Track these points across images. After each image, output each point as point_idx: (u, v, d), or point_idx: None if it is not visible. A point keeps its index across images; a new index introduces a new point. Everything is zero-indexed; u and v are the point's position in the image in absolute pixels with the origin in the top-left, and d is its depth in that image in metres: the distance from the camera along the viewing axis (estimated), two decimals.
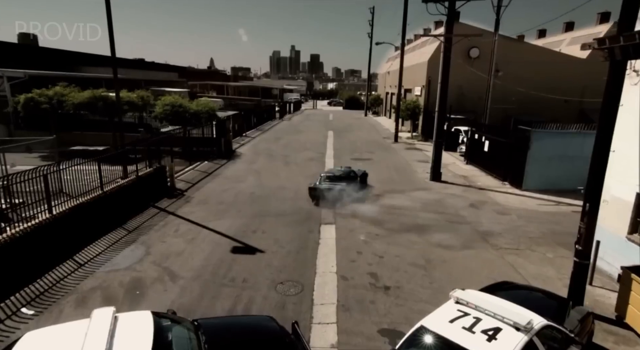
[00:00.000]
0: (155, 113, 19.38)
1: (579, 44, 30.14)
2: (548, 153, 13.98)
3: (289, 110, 53.31)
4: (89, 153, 20.09)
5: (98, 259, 8.16)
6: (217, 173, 16.55)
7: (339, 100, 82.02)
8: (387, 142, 27.61)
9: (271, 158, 20.31)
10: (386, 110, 48.18)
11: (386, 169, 18.22)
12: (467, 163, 19.64)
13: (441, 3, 13.92)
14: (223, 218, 10.97)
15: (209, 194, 13.45)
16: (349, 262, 8.42)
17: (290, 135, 29.75)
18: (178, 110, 18.99)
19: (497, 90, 26.99)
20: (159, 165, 13.39)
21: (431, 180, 15.92)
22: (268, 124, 37.61)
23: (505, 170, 15.64)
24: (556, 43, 32.46)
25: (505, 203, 12.88)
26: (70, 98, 18.70)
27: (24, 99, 18.48)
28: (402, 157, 21.83)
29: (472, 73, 27.92)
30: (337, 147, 24.59)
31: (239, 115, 27.83)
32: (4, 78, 20.68)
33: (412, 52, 38.64)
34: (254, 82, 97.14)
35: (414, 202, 12.91)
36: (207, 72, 78.33)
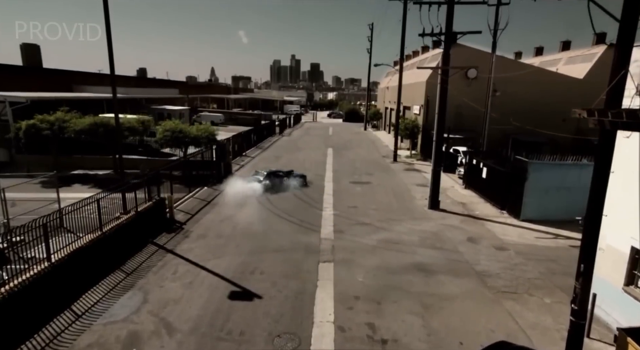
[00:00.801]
0: (155, 138, 19.51)
1: (576, 63, 30.47)
2: (545, 184, 14.05)
3: (289, 124, 53.55)
4: (89, 178, 20.30)
5: (96, 308, 8.16)
6: (216, 201, 16.61)
7: (339, 112, 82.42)
8: (386, 161, 27.72)
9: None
10: (385, 125, 48.42)
11: (385, 195, 18.27)
12: (465, 187, 19.70)
13: (437, 37, 14.13)
14: (222, 256, 11.00)
15: (208, 226, 13.49)
16: (347, 309, 8.42)
17: (290, 154, 29.84)
18: (178, 136, 19.15)
19: (495, 110, 27.18)
20: (158, 197, 13.45)
21: (430, 208, 15.96)
22: (268, 140, 37.79)
23: (504, 199, 15.70)
24: (553, 61, 32.78)
25: (503, 236, 12.90)
26: (72, 124, 18.86)
27: (25, 125, 18.65)
28: (401, 179, 21.89)
29: (471, 92, 28.18)
30: (336, 168, 24.69)
31: (239, 135, 27.99)
32: (5, 103, 20.89)
33: (410, 70, 38.98)
34: (254, 94, 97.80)
35: (412, 235, 12.93)
36: (207, 85, 78.89)
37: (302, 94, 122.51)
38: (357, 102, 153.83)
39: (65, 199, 15.80)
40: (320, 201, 17.15)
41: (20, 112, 21.27)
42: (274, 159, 27.08)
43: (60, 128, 18.96)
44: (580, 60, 29.34)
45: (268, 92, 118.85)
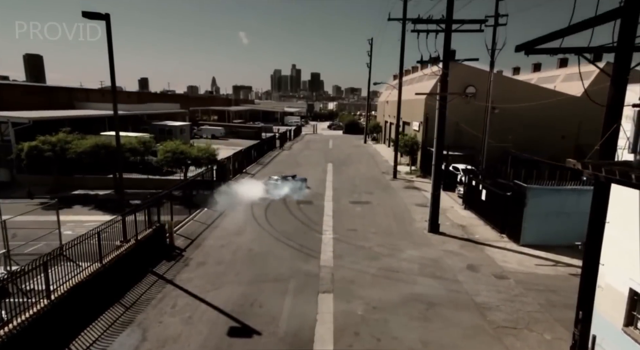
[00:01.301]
0: (157, 159, 19.64)
1: (574, 80, 30.73)
2: (545, 209, 14.09)
3: (289, 136, 53.80)
4: (89, 198, 20.36)
5: (94, 348, 8.14)
6: (216, 224, 16.62)
7: (339, 124, 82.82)
8: (386, 178, 27.79)
9: (269, 202, 20.37)
10: (385, 139, 48.64)
11: (385, 216, 18.29)
12: (465, 208, 19.73)
13: (435, 64, 14.33)
14: (221, 286, 10.99)
15: (207, 252, 13.50)
16: (347, 346, 8.39)
17: (290, 170, 29.86)
18: (179, 157, 19.27)
19: (495, 127, 27.38)
20: (159, 224, 13.48)
21: (429, 232, 15.97)
22: (268, 155, 37.92)
23: (503, 222, 15.73)
24: (551, 78, 33.10)
25: (503, 263, 12.89)
26: (74, 146, 19.01)
27: (27, 147, 18.79)
28: (400, 198, 21.93)
29: (469, 109, 28.40)
30: (336, 186, 24.76)
31: (239, 153, 28.12)
32: (8, 124, 21.08)
33: (410, 85, 39.34)
34: (255, 105, 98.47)
35: (412, 262, 12.93)
36: (208, 97, 79.51)
37: (302, 104, 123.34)
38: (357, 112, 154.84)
39: (66, 223, 15.91)
40: (320, 223, 17.18)
41: (22, 132, 21.46)
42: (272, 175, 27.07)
43: (62, 149, 19.10)
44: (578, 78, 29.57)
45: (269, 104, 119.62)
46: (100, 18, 10.99)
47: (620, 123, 5.76)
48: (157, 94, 46.83)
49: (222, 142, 48.27)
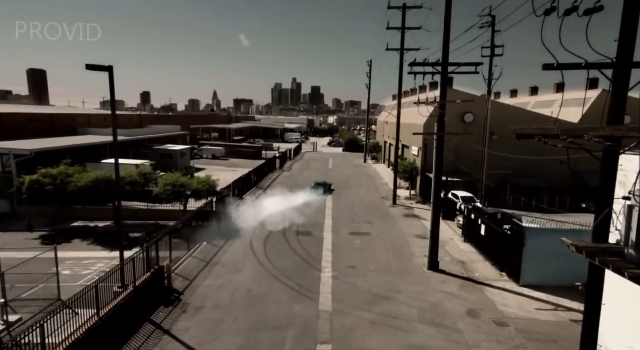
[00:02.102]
0: (156, 191, 19.73)
1: (570, 106, 31.05)
2: (543, 250, 14.05)
3: (289, 156, 54.02)
4: (89, 230, 20.35)
5: None
6: (215, 260, 16.57)
7: (339, 140, 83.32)
8: (385, 204, 27.81)
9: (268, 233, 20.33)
10: (385, 159, 48.83)
11: (384, 250, 18.24)
12: (464, 240, 19.69)
13: (432, 105, 14.54)
14: (218, 337, 10.90)
15: (205, 295, 13.42)
16: None
17: (289, 195, 29.89)
18: (179, 190, 19.35)
19: (493, 153, 27.54)
20: (157, 266, 13.45)
21: (429, 269, 15.90)
22: (268, 177, 37.99)
23: (503, 260, 15.67)
24: (548, 102, 33.46)
25: (504, 307, 12.80)
26: (75, 179, 19.12)
27: (28, 181, 18.91)
28: (400, 229, 21.90)
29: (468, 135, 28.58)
30: (336, 214, 24.76)
31: (240, 179, 28.25)
32: (10, 155, 21.25)
33: (408, 108, 39.73)
34: (255, 122, 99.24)
35: (411, 305, 12.84)
36: (208, 115, 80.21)
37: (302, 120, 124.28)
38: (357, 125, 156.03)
39: (64, 260, 15.88)
40: (319, 258, 17.14)
41: (24, 163, 21.62)
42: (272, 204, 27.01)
43: (63, 183, 19.20)
44: (574, 104, 29.92)
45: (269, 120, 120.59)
46: (104, 70, 11.23)
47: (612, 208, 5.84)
48: (158, 115, 47.25)
49: (223, 162, 48.48)
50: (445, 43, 14.19)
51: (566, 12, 5.60)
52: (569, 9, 5.56)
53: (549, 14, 5.68)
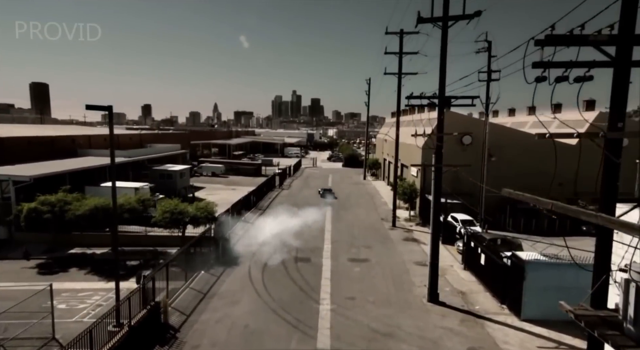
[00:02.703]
0: (155, 219, 19.70)
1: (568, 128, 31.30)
2: (544, 283, 13.93)
3: (289, 172, 54.07)
4: (86, 259, 20.21)
5: None
6: (212, 292, 16.40)
7: (339, 155, 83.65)
8: (385, 227, 27.70)
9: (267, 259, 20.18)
10: (384, 176, 48.90)
11: (383, 279, 18.06)
12: (465, 268, 19.54)
13: (430, 137, 14.62)
14: None
15: (202, 331, 13.24)
16: None
17: (289, 217, 29.76)
18: (177, 217, 19.32)
19: (492, 175, 27.59)
20: (154, 302, 13.31)
21: (429, 301, 15.72)
22: (268, 196, 37.92)
23: (504, 292, 15.52)
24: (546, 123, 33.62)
25: (505, 345, 12.60)
26: (73, 208, 19.11)
27: (26, 210, 18.89)
28: (399, 255, 21.75)
29: (466, 157, 28.67)
30: (335, 238, 24.64)
31: (239, 202, 28.22)
32: (9, 182, 21.29)
33: (407, 126, 39.97)
34: (255, 137, 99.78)
35: (411, 343, 12.65)
36: (209, 131, 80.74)
37: (302, 134, 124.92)
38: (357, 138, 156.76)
39: (60, 293, 15.73)
40: (318, 288, 16.97)
41: (23, 189, 21.64)
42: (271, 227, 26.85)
43: (61, 211, 19.17)
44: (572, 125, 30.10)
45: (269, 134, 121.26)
46: (104, 109, 11.38)
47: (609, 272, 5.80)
48: (158, 133, 47.55)
49: (222, 180, 48.48)
50: (441, 77, 14.38)
51: (557, 80, 5.68)
52: (560, 77, 5.64)
53: (540, 82, 5.77)
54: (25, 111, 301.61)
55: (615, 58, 5.23)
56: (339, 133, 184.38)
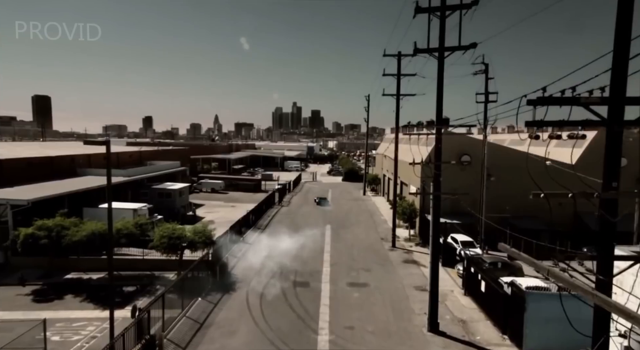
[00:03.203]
0: (152, 244, 19.57)
1: (567, 147, 31.31)
2: (545, 315, 13.69)
3: (288, 188, 53.98)
4: (82, 285, 20.00)
5: None
6: (209, 321, 16.14)
7: (339, 168, 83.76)
8: (384, 248, 27.48)
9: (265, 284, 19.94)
10: (384, 192, 48.80)
11: (383, 307, 17.79)
12: (465, 294, 19.29)
13: (428, 165, 14.62)
14: None
15: None
16: None
17: (288, 236, 29.55)
18: (175, 243, 19.19)
19: (492, 195, 27.54)
20: (149, 336, 13.10)
21: (429, 331, 15.46)
22: (267, 214, 37.75)
23: (505, 321, 15.28)
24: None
25: None
26: (70, 233, 19.02)
27: (23, 235, 18.80)
28: (399, 279, 21.51)
29: (465, 176, 28.72)
30: (334, 260, 24.42)
31: (238, 223, 28.09)
32: (7, 206, 21.24)
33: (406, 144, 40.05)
34: (255, 150, 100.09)
35: None
36: (209, 145, 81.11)
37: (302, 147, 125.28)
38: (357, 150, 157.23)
39: (54, 323, 15.50)
40: (317, 316, 16.73)
41: (21, 213, 21.58)
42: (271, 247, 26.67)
43: (58, 236, 19.06)
44: (571, 145, 30.19)
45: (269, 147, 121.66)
46: (101, 144, 11.41)
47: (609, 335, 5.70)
48: (158, 150, 47.69)
49: (222, 196, 48.36)
50: (438, 107, 14.46)
51: (550, 137, 5.68)
52: (552, 136, 5.64)
53: (537, 139, 5.76)
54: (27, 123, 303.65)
55: (608, 119, 5.24)
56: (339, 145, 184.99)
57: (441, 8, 14.00)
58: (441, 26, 14.10)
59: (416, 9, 14.31)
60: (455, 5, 13.69)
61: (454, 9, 13.81)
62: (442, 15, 14.04)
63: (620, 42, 4.93)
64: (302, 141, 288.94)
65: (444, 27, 14.09)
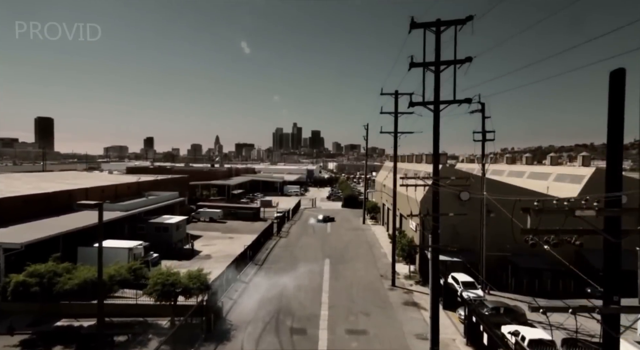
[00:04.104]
0: (145, 291, 19.13)
1: (565, 182, 31.32)
2: None
3: (287, 216, 53.57)
4: (72, 333, 19.40)
5: None
6: None
7: (338, 193, 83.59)
8: (384, 287, 26.89)
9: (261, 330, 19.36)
10: (384, 222, 48.40)
11: None
12: (467, 343, 18.66)
13: (426, 218, 14.43)
14: None
15: None
16: None
17: (286, 274, 28.98)
18: (169, 290, 18.76)
19: (492, 231, 27.20)
20: None
21: None
22: (265, 248, 37.22)
23: None
24: (544, 175, 33.75)
25: None
26: (62, 281, 18.63)
27: (14, 283, 18.40)
28: (399, 325, 20.88)
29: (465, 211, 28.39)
30: (333, 302, 23.81)
31: (235, 260, 27.62)
32: (0, 249, 20.92)
33: (406, 168, 40.07)
34: (254, 175, 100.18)
35: None
36: (208, 170, 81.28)
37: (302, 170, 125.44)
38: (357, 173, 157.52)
39: None
40: None
41: (13, 257, 21.24)
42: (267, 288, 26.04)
43: (50, 283, 18.65)
44: (569, 180, 30.16)
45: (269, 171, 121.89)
46: (94, 207, 11.29)
47: None
48: (157, 180, 47.60)
49: (220, 226, 47.83)
50: (435, 159, 14.42)
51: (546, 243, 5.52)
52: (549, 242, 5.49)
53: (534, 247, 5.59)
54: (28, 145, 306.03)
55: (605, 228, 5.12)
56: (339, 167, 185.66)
57: (435, 63, 14.21)
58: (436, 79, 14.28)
59: (411, 24, 14.15)
60: None
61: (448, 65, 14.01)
62: (437, 70, 14.24)
63: (612, 159, 4.87)
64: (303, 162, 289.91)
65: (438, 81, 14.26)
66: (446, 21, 13.96)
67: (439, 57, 14.19)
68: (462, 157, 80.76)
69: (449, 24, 13.88)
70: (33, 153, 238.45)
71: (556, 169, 32.66)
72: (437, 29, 14.06)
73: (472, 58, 13.57)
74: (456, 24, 13.74)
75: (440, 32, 14.05)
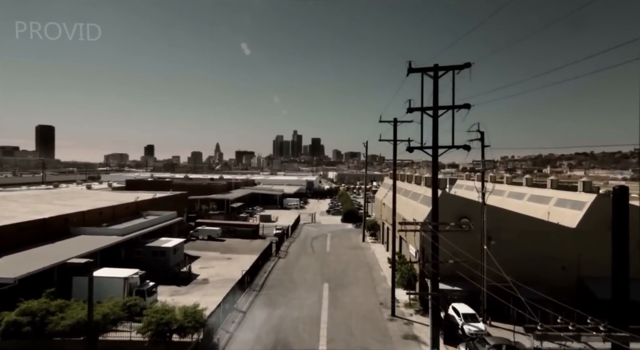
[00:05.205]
0: (139, 330, 18.78)
1: (566, 207, 30.96)
2: None
3: (287, 234, 53.17)
4: None
5: None
6: None
7: (338, 205, 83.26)
8: (384, 317, 26.43)
9: None
10: (384, 241, 48.01)
11: None
12: None
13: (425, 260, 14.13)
14: None
15: None
16: None
17: (283, 303, 28.53)
18: (163, 329, 18.40)
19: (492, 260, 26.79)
20: None
21: None
22: (263, 271, 36.79)
23: None
24: (544, 199, 33.46)
25: None
26: (54, 320, 18.30)
27: (5, 322, 18.08)
28: None
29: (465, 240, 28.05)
30: (331, 336, 23.34)
31: (232, 289, 27.23)
32: None
33: (405, 196, 39.80)
34: (254, 188, 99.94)
35: None
36: (207, 184, 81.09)
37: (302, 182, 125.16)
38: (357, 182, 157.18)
39: None
40: None
41: (6, 292, 20.90)
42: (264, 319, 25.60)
43: (43, 323, 18.31)
44: (570, 206, 29.87)
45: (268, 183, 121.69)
46: (89, 258, 11.02)
47: None
48: (155, 198, 47.44)
49: (218, 245, 47.31)
50: (434, 206, 14.18)
51: None
52: None
53: None
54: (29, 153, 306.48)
55: None
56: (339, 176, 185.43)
57: (433, 108, 14.06)
58: (434, 124, 14.11)
59: (409, 69, 14.11)
60: None
61: (447, 110, 13.85)
62: (435, 115, 14.08)
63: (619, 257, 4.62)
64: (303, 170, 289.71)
65: (436, 125, 14.10)
66: (444, 67, 13.86)
67: (437, 102, 14.06)
68: (461, 165, 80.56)
69: (447, 69, 13.78)
70: (33, 162, 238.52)
71: (557, 193, 32.34)
72: (435, 74, 13.95)
73: (470, 105, 13.43)
74: (454, 69, 13.64)
75: (438, 77, 13.94)
